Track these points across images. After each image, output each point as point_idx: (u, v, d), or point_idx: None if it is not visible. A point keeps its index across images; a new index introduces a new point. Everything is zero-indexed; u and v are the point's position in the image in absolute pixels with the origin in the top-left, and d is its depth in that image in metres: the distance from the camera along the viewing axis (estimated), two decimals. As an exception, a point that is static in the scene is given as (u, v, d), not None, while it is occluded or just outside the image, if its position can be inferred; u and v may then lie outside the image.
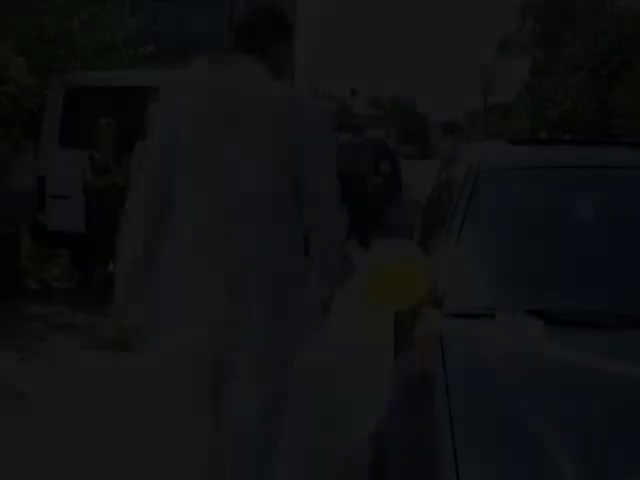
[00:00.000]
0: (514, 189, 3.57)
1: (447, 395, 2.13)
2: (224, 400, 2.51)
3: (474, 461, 1.90)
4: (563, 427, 1.98)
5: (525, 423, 1.98)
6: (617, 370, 2.20)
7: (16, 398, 4.90)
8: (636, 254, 3.09)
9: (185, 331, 2.44)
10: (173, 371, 2.57)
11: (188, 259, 2.42)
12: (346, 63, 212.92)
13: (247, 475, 2.54)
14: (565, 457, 1.83)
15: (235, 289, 2.37)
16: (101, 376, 5.39)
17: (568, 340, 2.39)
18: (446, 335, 2.49)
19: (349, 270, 2.80)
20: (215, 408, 2.54)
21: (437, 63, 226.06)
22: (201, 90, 2.41)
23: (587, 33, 37.72)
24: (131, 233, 2.48)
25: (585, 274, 3.01)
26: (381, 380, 3.46)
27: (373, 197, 11.41)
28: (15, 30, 7.92)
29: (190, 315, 2.42)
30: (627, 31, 36.67)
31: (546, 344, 2.36)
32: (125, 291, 2.49)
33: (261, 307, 2.38)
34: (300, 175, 2.39)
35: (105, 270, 7.72)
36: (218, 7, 21.24)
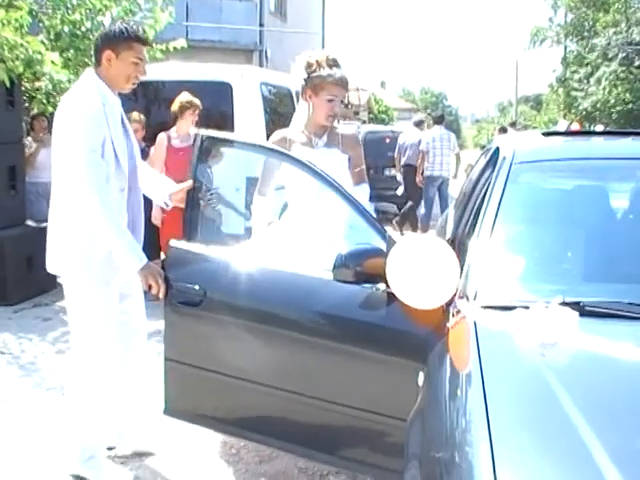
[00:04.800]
0: (548, 181, 3.55)
1: (483, 388, 2.11)
2: None
3: (512, 459, 1.85)
4: (602, 423, 1.95)
5: (564, 418, 1.95)
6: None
7: (53, 389, 4.97)
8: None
9: None
10: None
11: None
12: (376, 55, 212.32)
13: None
14: (607, 456, 1.78)
15: None
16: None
17: (603, 332, 2.37)
18: (481, 327, 2.48)
19: None
20: None
21: (468, 55, 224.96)
22: None
23: (619, 23, 37.24)
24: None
25: (620, 265, 2.99)
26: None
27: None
28: (48, 26, 8.00)
29: None
30: (661, 21, 36.11)
31: (582, 336, 2.35)
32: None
33: None
34: None
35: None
36: (249, 1, 21.27)
